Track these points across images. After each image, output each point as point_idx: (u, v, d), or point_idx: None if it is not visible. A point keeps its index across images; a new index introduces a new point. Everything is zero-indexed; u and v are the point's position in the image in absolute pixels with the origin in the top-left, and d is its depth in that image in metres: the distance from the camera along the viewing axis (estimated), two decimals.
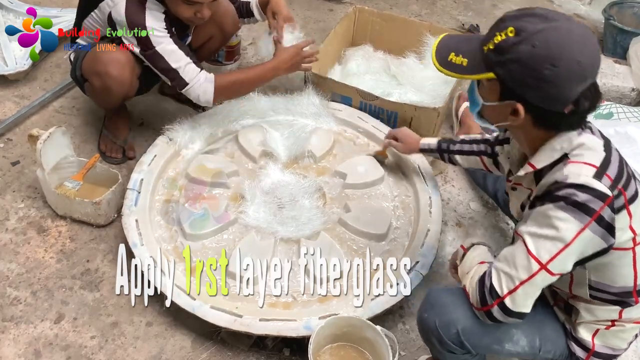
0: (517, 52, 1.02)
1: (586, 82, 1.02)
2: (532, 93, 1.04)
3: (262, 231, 1.75)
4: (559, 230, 1.03)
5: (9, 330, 1.58)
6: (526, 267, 1.07)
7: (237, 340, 1.57)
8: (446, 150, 1.73)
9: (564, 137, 1.10)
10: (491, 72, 1.07)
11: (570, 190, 1.02)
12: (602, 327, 1.21)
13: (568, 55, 0.99)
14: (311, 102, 2.15)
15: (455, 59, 1.12)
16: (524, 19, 1.03)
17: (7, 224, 1.86)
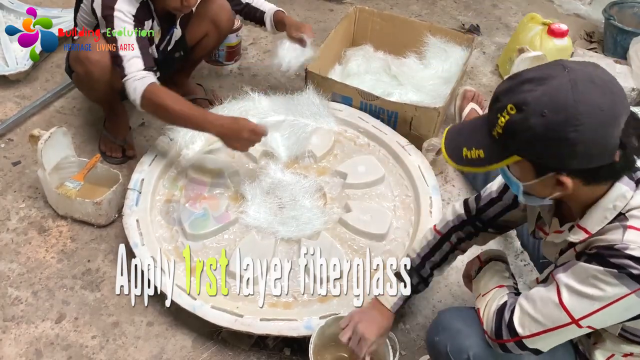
0: (530, 129, 0.91)
1: (620, 121, 0.90)
2: (570, 161, 0.92)
3: (263, 231, 1.75)
4: (604, 292, 0.96)
5: (10, 330, 1.58)
6: (555, 317, 1.02)
7: (238, 340, 1.58)
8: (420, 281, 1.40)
9: (617, 193, 0.99)
10: (514, 155, 0.96)
11: (627, 262, 0.93)
12: (619, 355, 1.16)
13: (585, 107, 0.88)
14: (312, 102, 2.15)
15: (470, 154, 1.01)
16: (517, 90, 0.93)
17: (8, 224, 1.86)
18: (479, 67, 2.77)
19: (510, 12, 3.27)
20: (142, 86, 1.67)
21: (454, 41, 2.45)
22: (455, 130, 1.08)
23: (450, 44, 2.45)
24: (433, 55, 2.45)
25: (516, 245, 1.88)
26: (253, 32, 2.83)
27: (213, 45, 2.22)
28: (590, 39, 3.06)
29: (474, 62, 2.78)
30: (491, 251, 1.36)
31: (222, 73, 2.59)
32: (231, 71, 2.60)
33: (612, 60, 2.64)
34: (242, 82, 2.53)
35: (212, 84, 2.51)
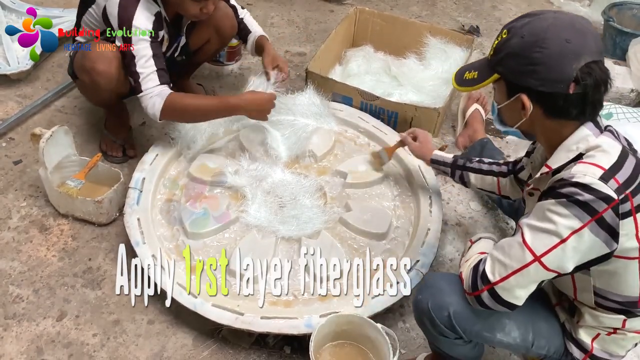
0: (510, 47, 1.09)
1: (581, 58, 1.03)
2: (531, 79, 1.07)
3: (263, 230, 1.76)
4: (557, 225, 1.03)
5: (12, 327, 1.59)
6: (520, 257, 1.08)
7: (238, 338, 1.58)
8: (461, 166, 1.67)
9: (581, 136, 1.09)
10: (494, 73, 1.14)
11: (573, 189, 1.02)
12: (604, 333, 1.21)
13: (554, 35, 1.04)
14: (312, 102, 2.16)
15: (468, 75, 1.21)
16: (517, 20, 1.11)
17: (9, 222, 1.86)
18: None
19: (510, 13, 3.28)
20: (162, 100, 1.73)
21: (453, 42, 2.46)
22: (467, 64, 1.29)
23: (450, 45, 2.46)
24: (433, 56, 2.46)
25: None
26: None
27: (214, 51, 2.24)
28: None
29: None
30: (481, 234, 1.42)
31: (222, 73, 2.59)
32: (232, 71, 2.61)
33: (611, 61, 2.65)
34: (243, 82, 2.53)
35: (213, 84, 2.51)
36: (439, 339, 1.28)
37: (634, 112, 2.21)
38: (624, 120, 2.17)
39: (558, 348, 1.26)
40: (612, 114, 2.21)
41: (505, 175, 1.59)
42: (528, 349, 1.26)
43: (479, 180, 1.65)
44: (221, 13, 2.03)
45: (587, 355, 1.23)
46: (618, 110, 2.21)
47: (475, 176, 1.65)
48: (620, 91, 2.48)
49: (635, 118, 2.16)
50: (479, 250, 1.28)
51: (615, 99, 2.46)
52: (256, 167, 1.95)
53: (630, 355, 1.55)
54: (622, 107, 2.25)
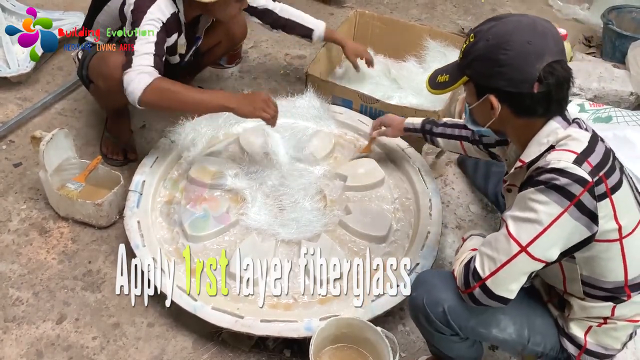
0: (476, 50, 1.14)
1: (543, 59, 1.08)
2: (497, 81, 1.11)
3: (263, 233, 1.76)
4: (538, 213, 1.06)
5: (11, 330, 1.59)
6: (507, 249, 1.10)
7: (238, 341, 1.58)
8: (429, 131, 1.77)
9: (550, 129, 1.14)
10: (464, 75, 1.18)
11: (549, 175, 1.06)
12: (595, 325, 1.22)
13: (517, 38, 1.09)
14: (312, 105, 2.16)
15: (441, 78, 1.25)
16: (483, 25, 1.16)
17: (9, 225, 1.86)
18: None
19: None
20: (150, 79, 1.62)
21: (453, 45, 2.46)
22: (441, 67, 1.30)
23: (449, 47, 2.46)
24: (433, 58, 2.46)
25: None
26: (253, 35, 2.85)
27: (222, 53, 2.26)
28: (589, 43, 3.08)
29: None
30: (473, 231, 1.44)
31: (223, 76, 2.60)
32: (232, 74, 2.61)
33: (611, 64, 2.65)
34: (243, 85, 2.55)
35: (213, 87, 2.51)
36: (435, 336, 1.29)
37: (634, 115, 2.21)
38: (623, 123, 2.17)
39: (554, 345, 1.27)
40: (611, 117, 2.21)
41: (467, 139, 1.66)
42: (524, 346, 1.27)
43: (446, 143, 1.74)
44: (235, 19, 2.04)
45: (582, 350, 1.24)
46: (617, 114, 2.21)
47: (442, 140, 1.75)
48: (619, 94, 2.48)
49: (635, 121, 2.17)
50: (470, 247, 1.30)
51: (614, 102, 2.46)
52: (256, 170, 1.96)
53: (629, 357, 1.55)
54: (621, 110, 2.26)
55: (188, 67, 2.20)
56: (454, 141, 1.71)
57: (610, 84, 2.49)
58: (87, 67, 1.89)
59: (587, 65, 2.60)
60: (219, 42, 2.12)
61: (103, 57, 1.80)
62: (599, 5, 3.09)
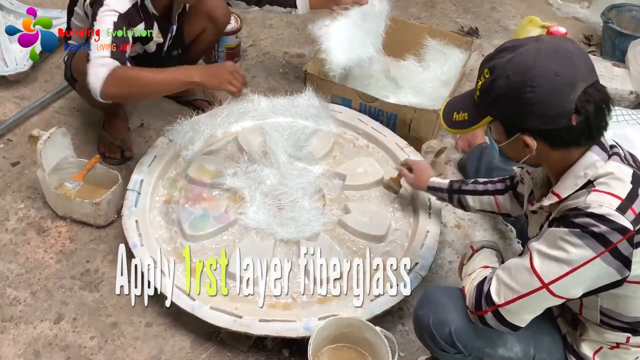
0: (498, 88, 1.03)
1: (576, 88, 0.99)
2: (530, 120, 1.02)
3: (262, 232, 1.75)
4: (569, 254, 1.01)
5: (9, 330, 1.58)
6: (527, 282, 1.06)
7: (237, 341, 1.58)
8: (457, 190, 1.62)
9: (588, 161, 1.06)
10: (487, 115, 1.09)
11: (589, 220, 0.99)
12: (606, 347, 1.19)
13: (542, 70, 0.99)
14: (311, 104, 2.16)
15: (458, 117, 1.15)
16: (495, 57, 1.06)
17: (7, 224, 1.86)
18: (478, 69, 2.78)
19: (509, 15, 3.28)
20: (107, 70, 1.56)
21: (453, 44, 2.46)
22: (453, 99, 1.22)
23: (449, 46, 2.45)
24: (432, 57, 2.46)
25: (516, 247, 1.89)
26: (252, 34, 2.84)
27: (211, 41, 2.21)
28: (589, 42, 3.07)
29: (473, 64, 2.78)
30: (483, 241, 1.41)
31: None
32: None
33: (610, 63, 2.65)
34: None
35: None
36: (438, 353, 1.27)
37: (633, 114, 2.21)
38: (623, 122, 2.17)
39: None
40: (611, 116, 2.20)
41: (502, 192, 1.53)
42: None
43: (477, 201, 1.59)
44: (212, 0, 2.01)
45: None
46: (617, 112, 2.21)
47: (473, 198, 1.59)
48: (619, 93, 2.48)
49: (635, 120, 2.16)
50: (482, 263, 1.27)
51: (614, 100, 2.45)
52: (255, 169, 1.95)
53: None
54: (621, 109, 2.25)
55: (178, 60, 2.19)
56: (487, 197, 1.56)
57: (610, 83, 2.49)
58: (69, 66, 1.89)
59: None
60: (203, 29, 2.09)
61: (83, 55, 1.74)
62: (599, 3, 3.08)
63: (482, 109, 1.09)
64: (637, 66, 2.49)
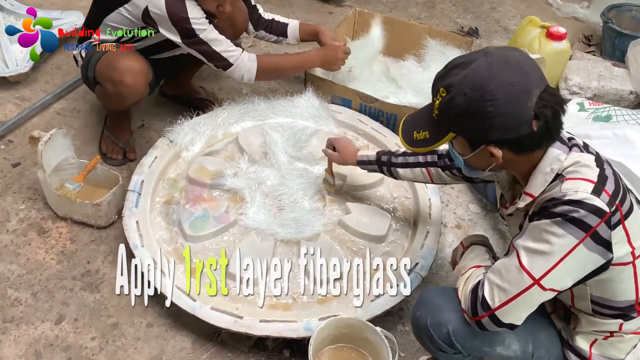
0: (456, 106, 1.05)
1: (532, 94, 1.01)
2: (492, 132, 1.04)
3: (262, 232, 1.76)
4: (553, 246, 1.03)
5: (10, 331, 1.58)
6: (518, 281, 1.07)
7: (237, 342, 1.58)
8: (386, 162, 1.64)
9: (552, 157, 1.09)
10: (449, 132, 1.10)
11: (567, 207, 1.02)
12: (600, 338, 1.20)
13: (497, 84, 1.01)
14: (311, 104, 2.16)
15: (419, 135, 1.16)
16: (448, 75, 1.07)
17: (7, 225, 1.86)
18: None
19: (509, 15, 3.28)
20: (254, 65, 1.93)
21: (453, 44, 2.46)
22: (409, 117, 1.23)
23: (449, 46, 2.46)
24: (432, 58, 2.46)
25: None
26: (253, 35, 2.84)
27: None
28: (589, 42, 3.08)
29: None
30: (474, 237, 1.42)
31: (221, 75, 2.58)
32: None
33: (610, 63, 2.65)
34: (242, 85, 2.54)
35: (212, 86, 2.51)
36: (437, 354, 1.28)
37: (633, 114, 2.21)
38: (622, 122, 2.17)
39: (557, 357, 1.26)
40: (611, 116, 2.21)
41: (435, 165, 1.56)
42: None
43: (409, 173, 1.61)
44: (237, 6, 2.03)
45: None
46: (617, 113, 2.21)
47: (404, 170, 1.62)
48: (619, 93, 2.48)
49: (634, 120, 2.16)
50: (474, 261, 1.28)
51: (614, 100, 2.46)
52: (255, 170, 1.95)
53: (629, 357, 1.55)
54: (620, 109, 2.25)
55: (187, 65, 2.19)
56: (418, 169, 1.59)
57: (610, 83, 2.49)
58: (93, 68, 1.88)
59: (587, 64, 2.60)
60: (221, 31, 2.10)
61: (112, 61, 1.80)
62: (599, 3, 3.09)
63: (443, 127, 1.10)
64: (637, 66, 2.49)
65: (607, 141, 2.00)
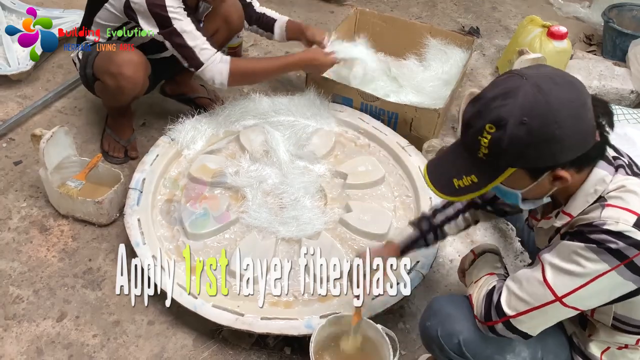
0: (515, 139, 0.95)
1: (588, 105, 0.97)
2: (562, 155, 0.97)
3: (264, 231, 1.76)
4: (584, 268, 0.99)
5: (12, 328, 1.59)
6: (540, 295, 1.05)
7: (239, 339, 1.58)
8: (429, 229, 1.47)
9: (597, 178, 1.03)
10: (508, 168, 1.00)
11: (605, 237, 0.97)
12: (614, 347, 1.18)
13: (557, 104, 0.94)
14: (312, 103, 2.16)
15: (462, 182, 1.04)
16: (487, 109, 0.97)
17: (9, 223, 1.86)
18: (479, 69, 2.79)
19: (510, 14, 3.28)
20: (226, 67, 1.83)
21: (454, 43, 2.47)
22: (435, 165, 1.11)
23: (450, 46, 2.46)
24: (433, 57, 2.46)
25: (516, 246, 1.89)
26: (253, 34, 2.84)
27: (221, 43, 2.21)
28: (590, 41, 3.08)
29: (473, 64, 2.79)
30: (484, 245, 1.40)
31: None
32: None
33: (611, 62, 2.65)
34: None
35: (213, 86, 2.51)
36: None
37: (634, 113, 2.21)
38: (624, 121, 2.17)
39: None
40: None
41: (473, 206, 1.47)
42: None
43: (453, 226, 1.48)
44: (230, 3, 2.04)
45: None
46: (618, 112, 2.22)
47: (448, 226, 1.48)
48: (620, 92, 2.48)
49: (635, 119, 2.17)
50: (486, 269, 1.27)
51: (615, 100, 2.46)
52: (256, 168, 1.96)
53: None
54: (622, 108, 2.26)
55: None
56: (460, 217, 1.47)
57: (611, 82, 2.49)
58: (92, 65, 1.88)
59: (588, 63, 2.60)
60: (216, 30, 2.10)
61: (109, 55, 1.81)
62: (600, 3, 3.09)
63: (500, 165, 1.00)
64: (637, 65, 2.50)
65: None
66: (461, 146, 1.05)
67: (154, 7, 1.71)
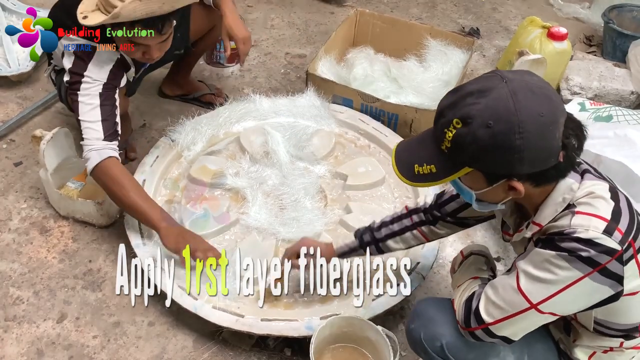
0: (479, 140, 0.94)
1: (559, 124, 0.94)
2: (519, 167, 0.95)
3: (264, 232, 1.76)
4: (557, 276, 0.99)
5: (12, 329, 1.59)
6: (515, 303, 1.05)
7: (239, 340, 1.58)
8: (370, 241, 1.48)
9: (564, 187, 1.02)
10: (465, 167, 0.99)
11: (575, 245, 0.97)
12: (600, 351, 1.18)
13: (526, 115, 0.91)
14: (312, 104, 2.16)
15: (422, 170, 1.03)
16: (460, 104, 0.96)
17: (9, 224, 1.87)
18: (479, 69, 2.79)
19: (510, 15, 3.28)
20: (99, 158, 1.60)
21: (454, 44, 2.47)
22: (404, 147, 1.10)
23: (450, 46, 2.46)
24: (433, 58, 2.46)
25: None
26: (254, 34, 2.84)
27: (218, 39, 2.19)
28: (590, 42, 3.08)
29: (474, 64, 2.79)
30: (473, 246, 1.40)
31: (223, 75, 2.60)
32: (232, 73, 2.61)
33: (611, 63, 2.65)
34: (243, 84, 2.55)
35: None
36: None
37: (634, 114, 2.21)
38: (623, 122, 2.17)
39: None
40: (612, 116, 2.21)
41: (423, 223, 1.45)
42: None
43: (399, 241, 1.48)
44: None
45: None
46: (618, 113, 2.21)
47: (393, 240, 1.48)
48: (620, 93, 2.48)
49: (635, 120, 2.16)
50: (470, 272, 1.27)
51: (615, 101, 2.46)
52: (256, 169, 1.96)
53: None
54: (622, 109, 2.25)
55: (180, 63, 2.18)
56: (408, 233, 1.46)
57: (611, 83, 2.49)
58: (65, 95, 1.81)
59: (588, 64, 2.60)
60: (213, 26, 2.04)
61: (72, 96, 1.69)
62: (600, 4, 3.08)
63: (457, 161, 0.99)
64: (637, 66, 2.50)
65: (608, 141, 1.99)
66: (429, 133, 1.05)
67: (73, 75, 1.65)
